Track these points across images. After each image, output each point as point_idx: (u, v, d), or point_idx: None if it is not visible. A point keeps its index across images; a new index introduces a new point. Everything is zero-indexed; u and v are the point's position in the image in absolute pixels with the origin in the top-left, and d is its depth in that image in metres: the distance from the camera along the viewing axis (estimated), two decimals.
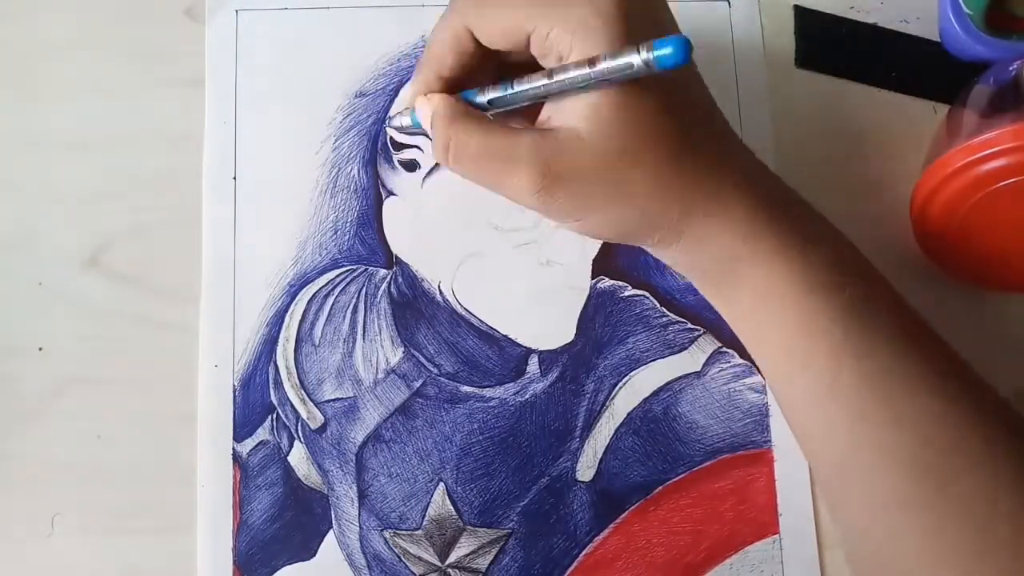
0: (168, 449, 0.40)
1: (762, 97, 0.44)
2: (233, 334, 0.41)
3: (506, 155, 0.33)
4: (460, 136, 0.34)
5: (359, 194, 0.43)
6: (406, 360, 0.41)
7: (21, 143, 0.43)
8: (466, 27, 0.34)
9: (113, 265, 0.42)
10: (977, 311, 0.43)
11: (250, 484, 0.40)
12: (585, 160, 0.32)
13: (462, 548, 0.40)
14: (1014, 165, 0.36)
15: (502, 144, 0.33)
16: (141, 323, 0.41)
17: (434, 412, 0.41)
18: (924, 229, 0.41)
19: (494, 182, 0.34)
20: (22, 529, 0.39)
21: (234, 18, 0.44)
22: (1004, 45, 0.43)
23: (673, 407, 0.41)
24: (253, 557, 0.39)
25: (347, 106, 0.44)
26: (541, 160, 0.32)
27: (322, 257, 0.42)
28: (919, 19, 0.46)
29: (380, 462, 0.41)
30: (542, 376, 0.42)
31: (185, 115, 0.43)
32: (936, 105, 0.45)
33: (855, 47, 0.45)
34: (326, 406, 0.41)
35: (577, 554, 0.40)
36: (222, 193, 0.42)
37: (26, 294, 0.41)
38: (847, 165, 0.44)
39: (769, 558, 0.40)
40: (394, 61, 0.44)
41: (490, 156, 0.34)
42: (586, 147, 0.32)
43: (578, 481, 0.41)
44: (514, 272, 0.42)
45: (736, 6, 0.45)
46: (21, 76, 0.43)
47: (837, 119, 0.45)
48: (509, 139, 0.33)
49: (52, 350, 0.41)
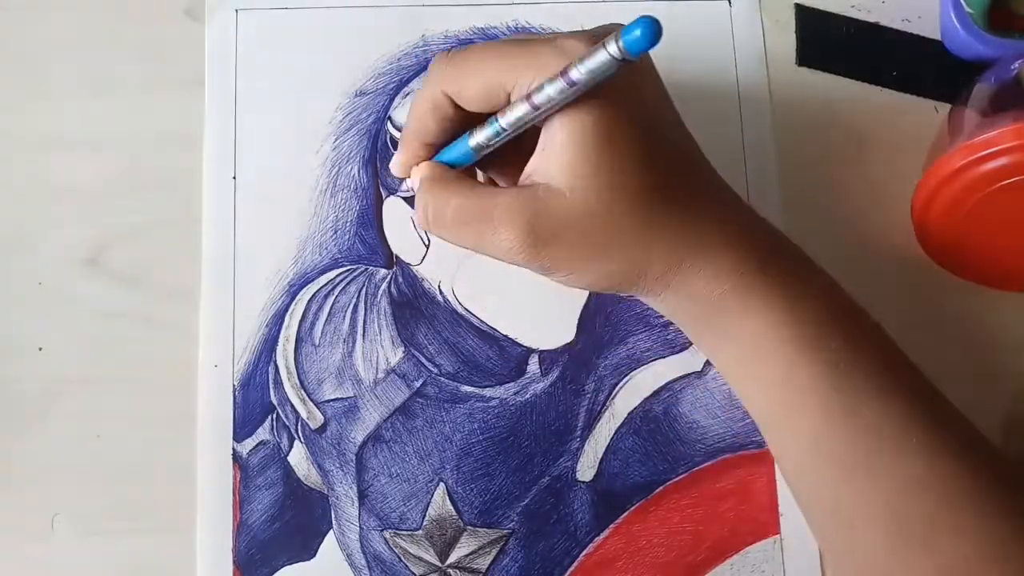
0: (168, 449, 0.40)
1: (763, 96, 0.44)
2: (233, 334, 0.41)
3: (487, 216, 0.33)
4: (439, 201, 0.34)
5: (359, 193, 0.43)
6: (406, 360, 0.41)
7: (21, 143, 0.43)
8: (445, 94, 0.34)
9: (113, 265, 0.42)
10: (978, 310, 0.43)
11: (250, 484, 0.40)
12: (567, 220, 0.32)
13: (462, 548, 0.40)
14: (1015, 164, 0.36)
15: (483, 205, 0.33)
16: (141, 323, 0.41)
17: (434, 412, 0.41)
18: (925, 228, 0.40)
19: (476, 244, 0.34)
20: (22, 529, 0.39)
21: (234, 18, 0.44)
22: (1005, 44, 0.43)
23: (674, 407, 0.41)
24: (253, 557, 0.39)
25: (347, 105, 0.44)
26: (522, 220, 0.32)
27: (322, 257, 0.42)
28: (920, 18, 0.46)
29: (380, 462, 0.40)
30: (542, 376, 0.42)
31: (185, 115, 0.43)
32: (937, 104, 0.45)
33: (856, 46, 0.45)
34: (326, 406, 0.41)
35: (577, 554, 0.40)
36: (222, 193, 0.42)
37: (26, 294, 0.41)
38: (848, 164, 0.44)
39: (770, 558, 0.40)
40: (394, 60, 0.44)
41: (470, 218, 0.33)
42: (567, 206, 0.32)
43: (578, 481, 0.41)
44: (514, 272, 0.42)
45: (737, 5, 0.45)
46: (21, 76, 0.43)
47: (838, 118, 0.45)
48: (489, 200, 0.33)
49: (52, 350, 0.41)
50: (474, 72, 0.33)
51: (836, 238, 0.43)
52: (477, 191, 0.34)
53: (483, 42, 0.36)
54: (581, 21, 0.44)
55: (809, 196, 0.43)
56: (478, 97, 0.33)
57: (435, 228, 0.35)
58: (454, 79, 0.34)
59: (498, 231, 0.32)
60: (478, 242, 0.34)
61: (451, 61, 0.34)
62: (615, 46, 0.28)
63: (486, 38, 0.44)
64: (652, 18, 0.27)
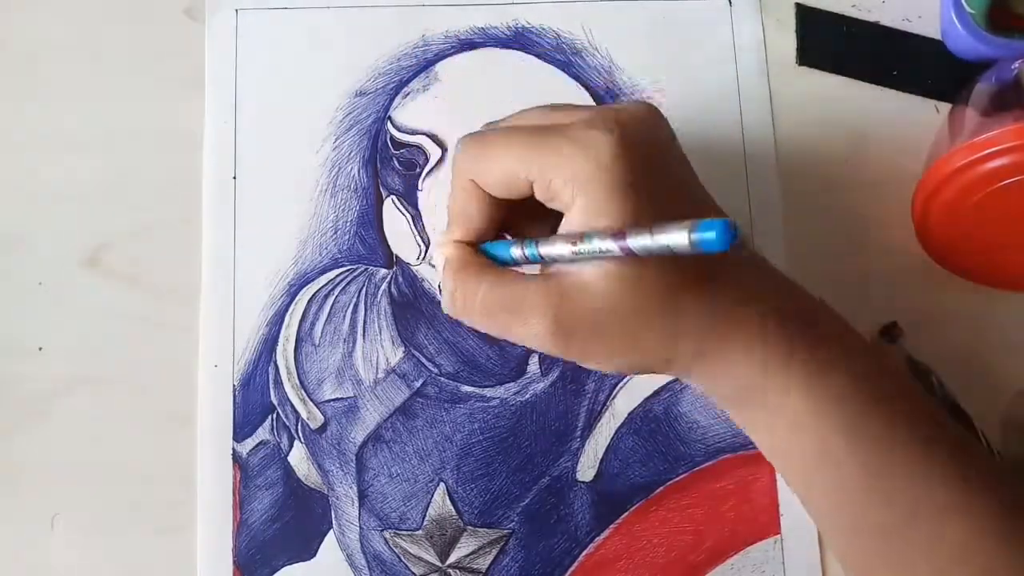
0: (168, 449, 0.40)
1: (763, 95, 0.44)
2: (233, 334, 0.41)
3: (515, 306, 0.32)
4: (467, 288, 0.33)
5: (359, 193, 0.43)
6: (406, 360, 0.41)
7: (21, 143, 0.43)
8: (472, 181, 0.33)
9: (113, 265, 0.42)
10: (979, 310, 0.43)
11: (250, 484, 0.40)
12: (596, 315, 0.31)
13: (462, 548, 0.40)
14: (1016, 164, 0.36)
15: (511, 294, 0.32)
16: (141, 323, 0.41)
17: (434, 412, 0.41)
18: (926, 228, 0.40)
19: (503, 331, 0.33)
20: (22, 529, 0.39)
21: (234, 17, 0.44)
22: (1006, 44, 0.43)
23: (674, 407, 0.41)
24: (253, 557, 0.39)
25: (347, 105, 0.43)
26: (551, 312, 0.31)
27: (322, 256, 0.42)
28: (921, 18, 0.45)
29: (380, 462, 0.40)
30: (543, 376, 0.41)
31: (185, 115, 0.43)
32: (938, 104, 0.45)
33: (857, 46, 0.45)
34: (326, 406, 0.41)
35: (578, 554, 0.40)
36: (222, 193, 0.42)
37: (26, 294, 0.41)
38: (849, 164, 0.44)
39: (770, 558, 0.40)
40: (394, 60, 0.44)
41: (498, 307, 0.32)
42: (597, 302, 0.31)
43: (579, 481, 0.41)
44: None
45: (737, 4, 0.45)
46: (21, 76, 0.43)
47: (839, 118, 0.45)
48: (518, 289, 0.32)
49: (52, 350, 0.41)
50: (495, 159, 0.32)
51: (836, 238, 0.43)
52: (504, 279, 0.33)
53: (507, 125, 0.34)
54: (581, 21, 0.44)
55: (809, 196, 0.43)
56: (499, 185, 0.32)
57: (462, 315, 0.34)
58: (476, 165, 0.33)
59: (528, 322, 0.32)
60: (506, 330, 0.33)
61: (474, 144, 0.33)
62: (685, 238, 0.25)
63: (486, 37, 0.44)
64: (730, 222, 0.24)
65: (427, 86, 0.44)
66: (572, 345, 0.32)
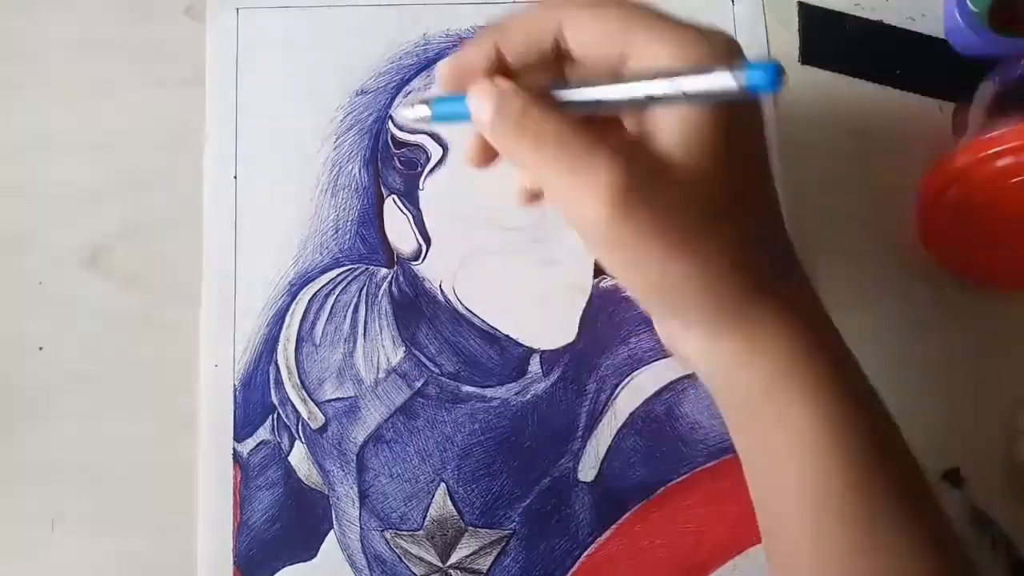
0: (168, 449, 0.40)
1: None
2: (233, 334, 0.41)
3: (584, 157, 0.27)
4: (539, 115, 0.28)
5: (360, 193, 0.43)
6: (407, 360, 0.41)
7: (21, 143, 0.43)
8: (558, 21, 0.29)
9: (113, 265, 0.42)
10: (981, 310, 0.43)
11: (250, 484, 0.40)
12: (671, 190, 0.27)
13: (463, 549, 0.40)
14: (1020, 163, 0.36)
15: (583, 143, 0.28)
16: (141, 323, 0.41)
17: (435, 412, 0.41)
18: (929, 227, 0.40)
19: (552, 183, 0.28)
20: (22, 529, 0.39)
21: (234, 16, 0.44)
22: (1010, 43, 0.43)
23: (676, 407, 0.41)
24: (253, 557, 0.39)
25: (348, 104, 0.43)
26: (622, 176, 0.27)
27: (323, 256, 0.42)
28: (925, 16, 0.45)
29: (381, 462, 0.40)
30: (544, 376, 0.41)
31: (185, 115, 0.43)
32: (942, 103, 0.45)
33: (860, 44, 0.45)
34: (327, 406, 0.41)
35: (579, 555, 0.40)
36: (223, 193, 0.42)
37: (26, 294, 0.41)
38: (852, 163, 0.44)
39: None
40: (395, 59, 0.44)
41: (561, 153, 0.28)
42: (678, 175, 0.27)
43: (580, 482, 0.40)
44: (516, 271, 0.42)
45: (740, 3, 0.45)
46: (21, 76, 0.43)
47: (841, 117, 0.44)
48: (591, 139, 0.28)
49: (52, 350, 0.41)
50: (597, 9, 0.29)
51: (839, 237, 0.43)
52: (581, 125, 0.28)
53: None
54: None
55: (812, 195, 0.43)
56: (591, 40, 0.29)
57: (513, 142, 0.29)
58: (574, 12, 0.29)
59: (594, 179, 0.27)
60: (554, 182, 0.28)
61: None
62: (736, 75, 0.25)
63: None
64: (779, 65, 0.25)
65: (428, 85, 0.44)
66: (627, 226, 0.27)
